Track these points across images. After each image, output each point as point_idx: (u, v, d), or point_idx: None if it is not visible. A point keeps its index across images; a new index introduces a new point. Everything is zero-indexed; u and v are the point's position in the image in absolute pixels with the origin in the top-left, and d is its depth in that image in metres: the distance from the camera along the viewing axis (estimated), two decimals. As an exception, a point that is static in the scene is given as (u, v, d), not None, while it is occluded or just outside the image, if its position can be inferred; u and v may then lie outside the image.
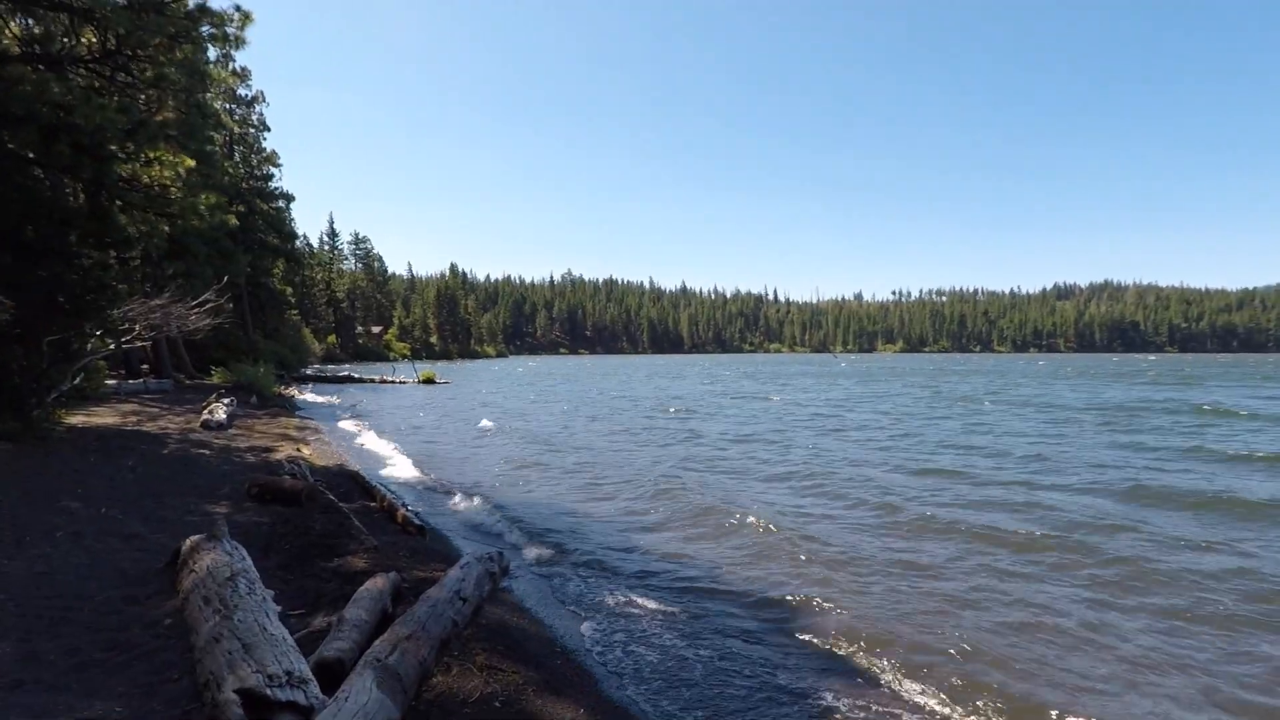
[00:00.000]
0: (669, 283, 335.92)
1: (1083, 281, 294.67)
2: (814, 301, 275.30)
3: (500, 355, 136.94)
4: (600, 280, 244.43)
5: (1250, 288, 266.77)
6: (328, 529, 6.67)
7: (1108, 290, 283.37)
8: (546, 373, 58.39)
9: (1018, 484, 10.18)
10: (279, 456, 10.73)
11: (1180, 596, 5.72)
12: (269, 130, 40.66)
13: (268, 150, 40.70)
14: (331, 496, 8.03)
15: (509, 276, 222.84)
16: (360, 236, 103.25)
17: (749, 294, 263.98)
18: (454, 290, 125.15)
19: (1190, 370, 58.64)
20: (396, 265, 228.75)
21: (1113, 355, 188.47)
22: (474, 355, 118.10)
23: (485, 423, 19.18)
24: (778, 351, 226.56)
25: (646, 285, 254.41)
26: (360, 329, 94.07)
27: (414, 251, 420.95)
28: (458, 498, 9.60)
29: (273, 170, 41.02)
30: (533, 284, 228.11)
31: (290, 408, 21.18)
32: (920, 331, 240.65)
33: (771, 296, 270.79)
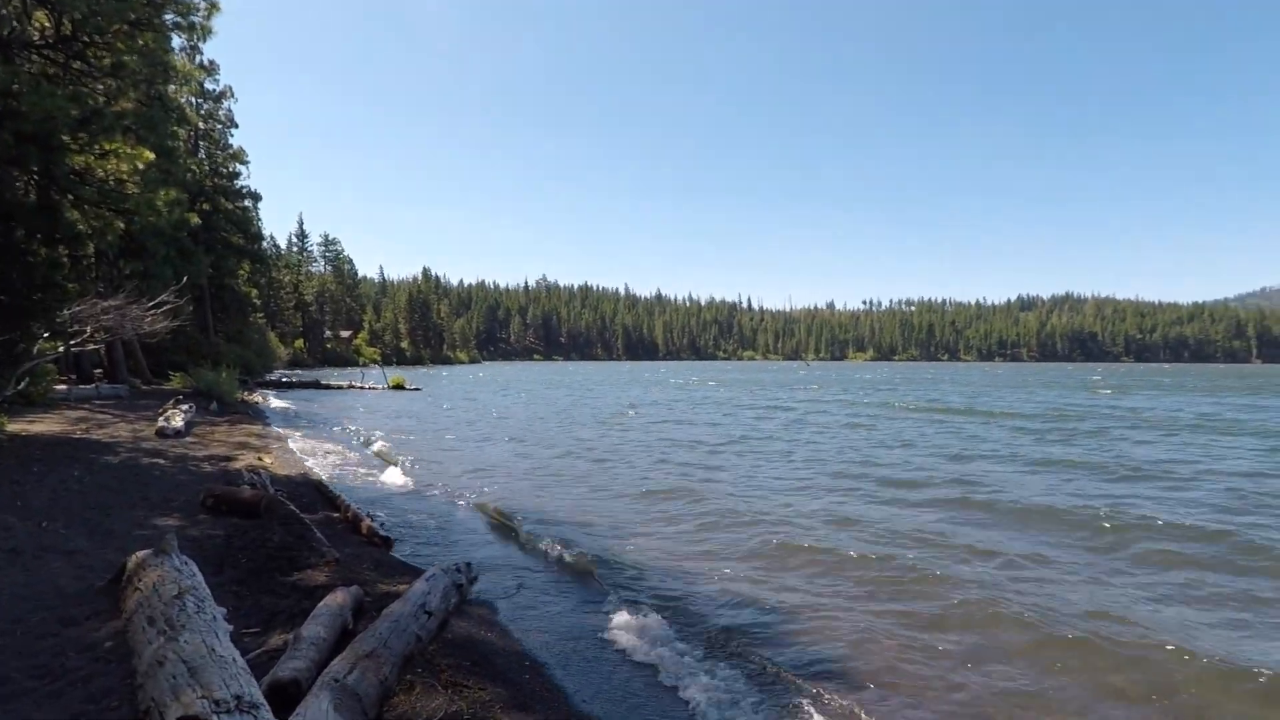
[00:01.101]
0: (644, 290, 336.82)
1: (1045, 293, 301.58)
2: (787, 310, 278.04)
3: (473, 361, 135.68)
4: (575, 286, 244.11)
5: (1200, 302, 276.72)
6: (287, 541, 6.37)
7: (1068, 302, 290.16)
8: (519, 380, 57.94)
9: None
10: (238, 466, 10.34)
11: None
12: (236, 126, 39.63)
13: (234, 147, 39.67)
14: (293, 507, 7.71)
15: (483, 281, 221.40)
16: (330, 238, 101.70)
17: (723, 302, 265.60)
18: (426, 294, 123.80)
19: (1123, 380, 60.27)
20: (367, 268, 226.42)
21: (1069, 364, 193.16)
22: (446, 361, 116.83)
23: (452, 434, 18.86)
24: (751, 359, 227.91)
25: (622, 292, 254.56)
26: (329, 333, 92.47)
27: (386, 254, 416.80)
28: (428, 505, 9.33)
29: (239, 168, 39.97)
30: (507, 289, 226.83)
31: (253, 414, 20.58)
32: (890, 340, 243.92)
33: (745, 304, 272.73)
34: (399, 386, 38.88)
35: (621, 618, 5.39)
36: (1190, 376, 71.30)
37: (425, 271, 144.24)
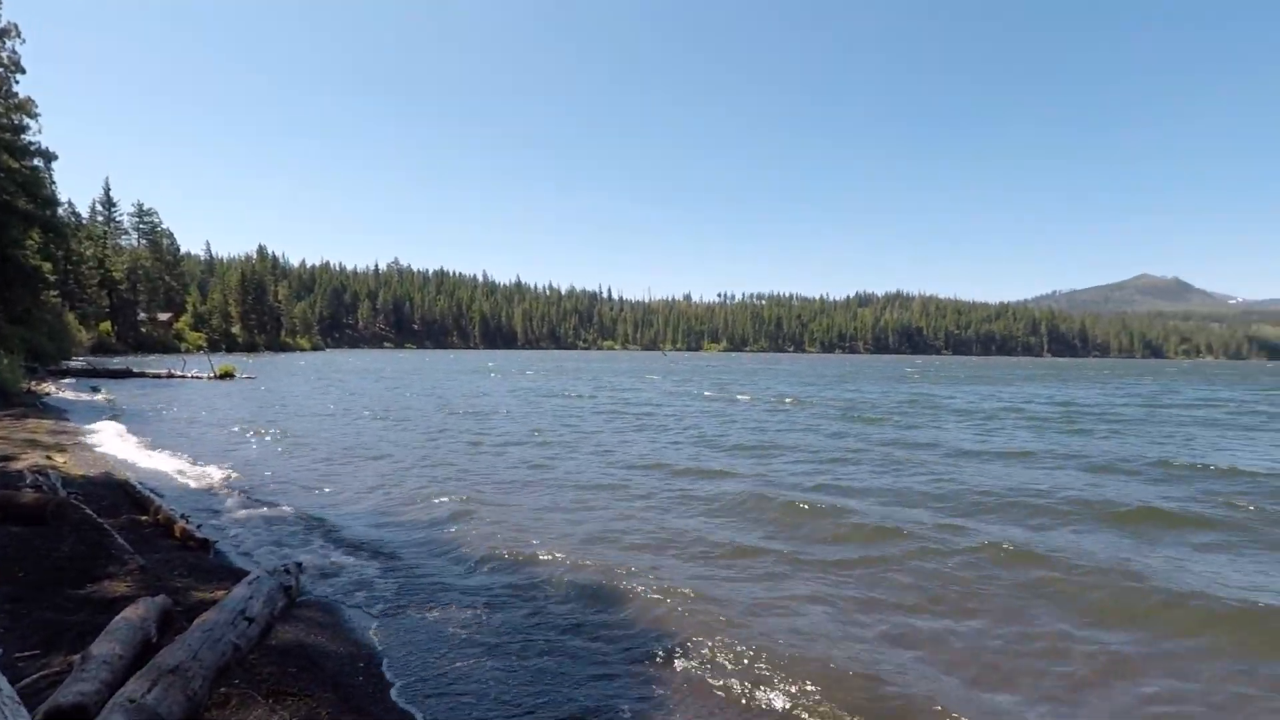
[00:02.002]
0: (503, 277, 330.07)
1: (879, 291, 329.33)
2: (646, 301, 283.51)
3: (316, 348, 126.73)
4: (430, 271, 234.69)
5: (1005, 301, 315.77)
6: (80, 550, 5.66)
7: (899, 299, 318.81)
8: (363, 368, 54.88)
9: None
10: (20, 466, 9.04)
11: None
12: (23, 72, 33.93)
13: (21, 96, 34.09)
14: (89, 511, 6.86)
15: (327, 263, 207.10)
16: (145, 208, 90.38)
17: (584, 291, 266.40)
18: (262, 275, 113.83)
19: (921, 371, 67.26)
20: (192, 244, 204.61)
21: (897, 356, 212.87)
22: (285, 348, 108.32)
23: (286, 424, 17.59)
24: (610, 348, 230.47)
25: (480, 279, 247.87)
26: (144, 316, 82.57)
27: (214, 230, 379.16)
28: (251, 504, 8.65)
29: (27, 121, 34.39)
30: (355, 272, 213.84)
31: (44, 408, 18.06)
32: (742, 332, 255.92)
33: (606, 294, 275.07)
34: (228, 375, 35.58)
35: (453, 613, 5.31)
36: (983, 368, 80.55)
37: (261, 250, 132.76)
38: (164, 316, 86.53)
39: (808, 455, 12.82)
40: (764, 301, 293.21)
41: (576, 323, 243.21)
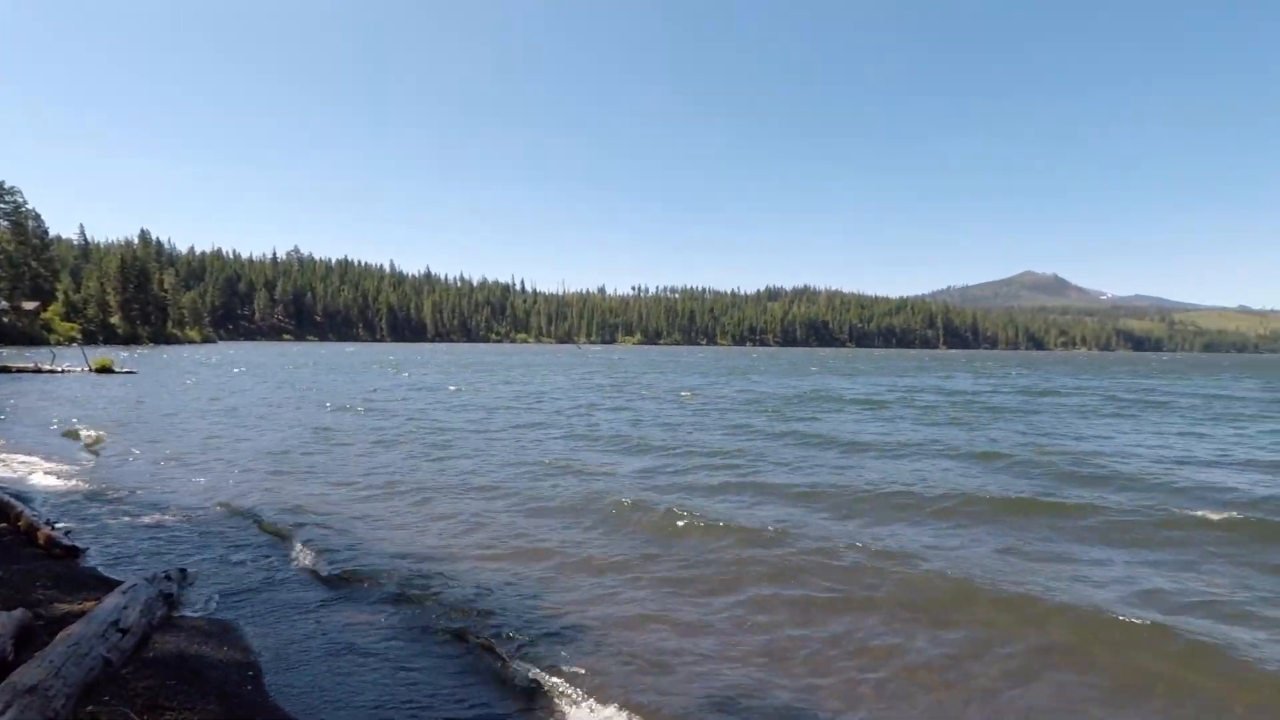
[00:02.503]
0: (412, 267, 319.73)
1: (788, 285, 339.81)
2: (560, 293, 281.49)
3: (207, 340, 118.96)
4: (334, 260, 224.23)
5: (905, 296, 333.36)
6: (-79, 563, 5.12)
7: (806, 294, 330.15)
8: (253, 362, 52.02)
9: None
10: None
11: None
12: None
13: None
14: (-66, 518, 6.21)
15: (220, 250, 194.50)
16: (6, 186, 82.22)
17: (496, 283, 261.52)
18: (145, 262, 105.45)
19: (830, 365, 70.37)
20: (63, 227, 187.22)
21: (804, 349, 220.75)
22: (172, 340, 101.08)
23: (171, 421, 16.48)
24: (524, 341, 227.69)
25: (387, 269, 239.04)
26: (6, 305, 75.09)
27: (90, 213, 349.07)
28: (128, 509, 8.04)
29: None
30: (251, 260, 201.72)
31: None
32: (656, 325, 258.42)
33: (519, 287, 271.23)
34: (105, 369, 32.90)
35: (353, 614, 5.14)
36: (877, 361, 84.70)
37: (144, 235, 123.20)
38: (30, 305, 78.87)
39: (686, 450, 12.63)
40: (677, 295, 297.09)
41: (489, 315, 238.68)
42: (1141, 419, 19.23)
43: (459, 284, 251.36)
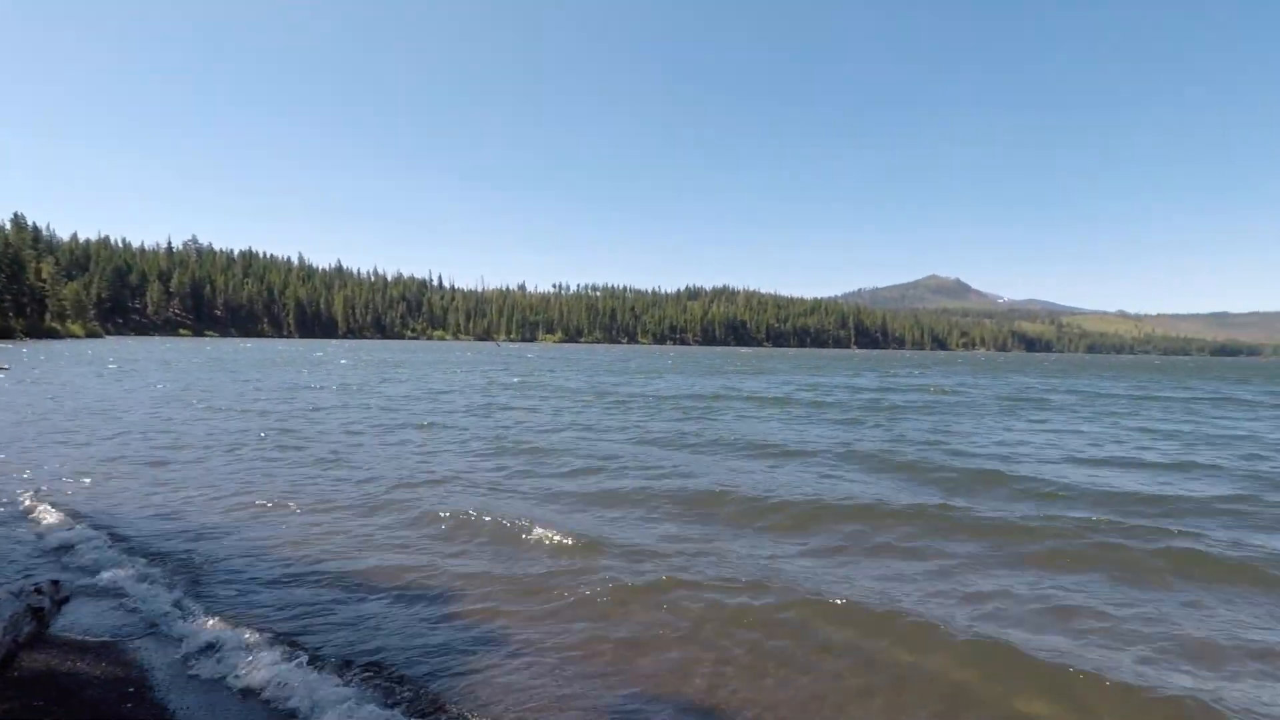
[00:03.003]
0: (322, 260, 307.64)
1: (708, 285, 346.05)
2: (479, 290, 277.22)
3: (93, 335, 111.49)
4: (236, 252, 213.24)
5: (819, 298, 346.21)
6: None
7: (725, 294, 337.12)
8: (132, 359, 49.50)
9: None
10: None
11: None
12: None
13: None
14: None
15: (107, 238, 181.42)
16: None
17: (412, 278, 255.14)
18: (19, 249, 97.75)
19: (746, 366, 72.89)
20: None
21: (725, 347, 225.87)
22: (52, 334, 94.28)
23: (54, 422, 15.99)
24: (441, 339, 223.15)
25: (295, 261, 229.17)
26: None
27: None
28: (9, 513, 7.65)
29: None
30: (143, 249, 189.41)
31: None
32: (578, 323, 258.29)
33: (436, 282, 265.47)
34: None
35: (226, 632, 4.84)
36: (789, 361, 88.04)
37: (17, 218, 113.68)
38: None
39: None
40: (599, 293, 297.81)
41: (404, 311, 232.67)
42: (1023, 415, 20.84)
43: (373, 278, 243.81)
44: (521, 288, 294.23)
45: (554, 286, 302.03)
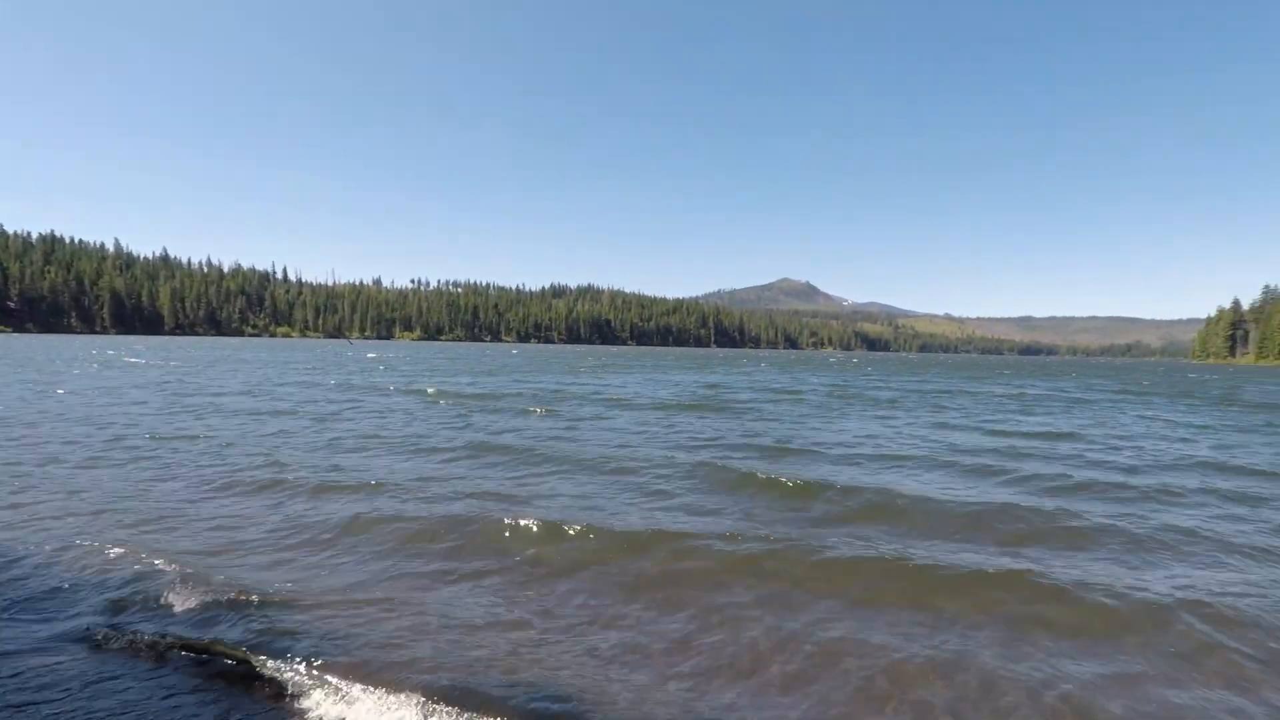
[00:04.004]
0: (145, 248, 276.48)
1: (573, 283, 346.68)
2: (330, 284, 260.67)
3: None
4: (35, 235, 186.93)
5: (680, 298, 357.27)
6: None
7: (590, 292, 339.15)
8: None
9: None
10: None
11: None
12: None
13: None
14: None
15: None
16: None
17: (253, 270, 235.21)
18: None
19: (604, 362, 74.14)
20: None
21: (590, 346, 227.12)
22: None
23: None
24: (286, 336, 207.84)
25: (110, 248, 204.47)
26: None
27: None
28: None
29: None
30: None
31: None
32: (438, 320, 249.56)
33: (281, 275, 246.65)
34: None
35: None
36: (650, 359, 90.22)
37: None
38: None
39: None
40: (460, 290, 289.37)
41: (244, 306, 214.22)
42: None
43: (205, 269, 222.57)
44: (377, 282, 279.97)
45: (412, 282, 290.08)
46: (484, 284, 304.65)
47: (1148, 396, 31.85)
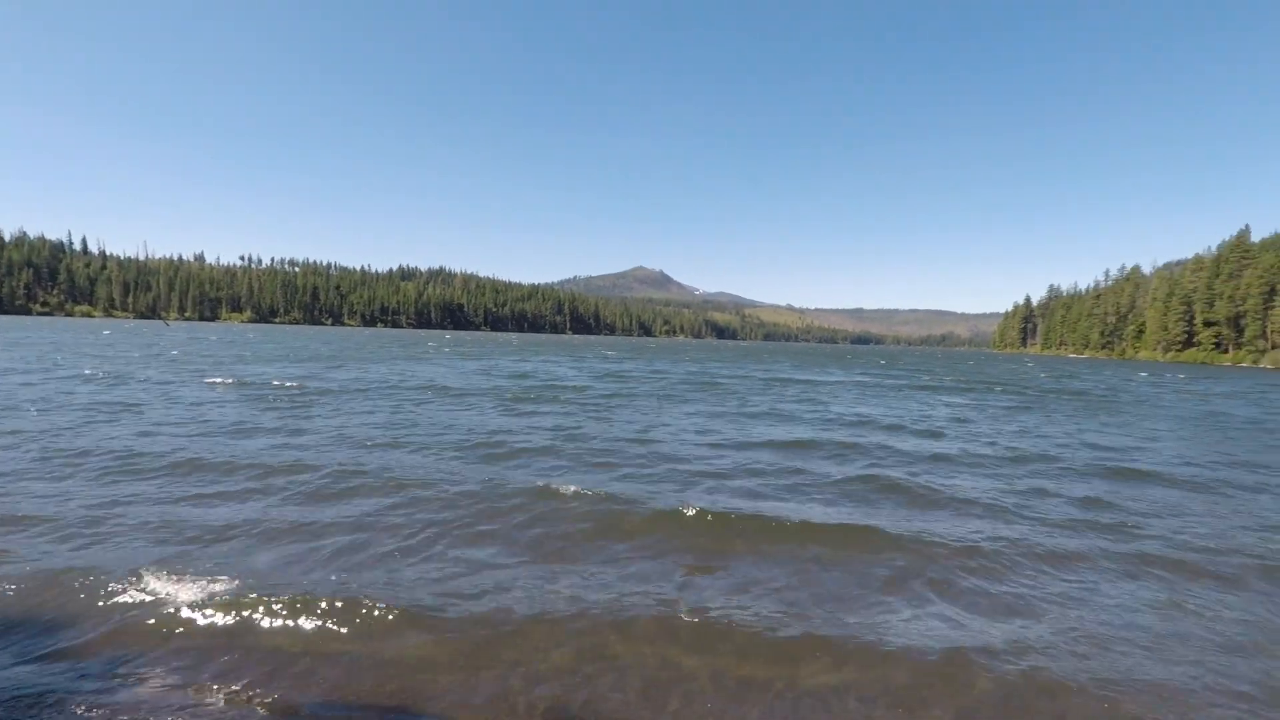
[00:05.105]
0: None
1: (423, 265, 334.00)
2: (142, 258, 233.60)
3: None
4: None
5: (536, 283, 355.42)
6: None
7: (442, 275, 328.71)
8: None
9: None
10: None
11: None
12: None
13: None
14: None
15: None
16: None
17: (42, 239, 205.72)
18: None
19: (458, 349, 73.58)
20: None
21: (442, 330, 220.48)
22: None
23: None
24: (88, 315, 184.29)
25: None
26: None
27: None
28: None
29: None
30: None
31: None
32: (271, 301, 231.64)
33: (80, 246, 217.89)
34: None
35: None
36: (496, 346, 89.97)
37: None
38: None
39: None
40: (298, 269, 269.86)
41: (30, 280, 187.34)
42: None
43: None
44: (199, 258, 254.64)
45: (242, 259, 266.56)
46: (325, 263, 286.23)
47: (966, 391, 36.92)
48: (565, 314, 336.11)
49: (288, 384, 20.54)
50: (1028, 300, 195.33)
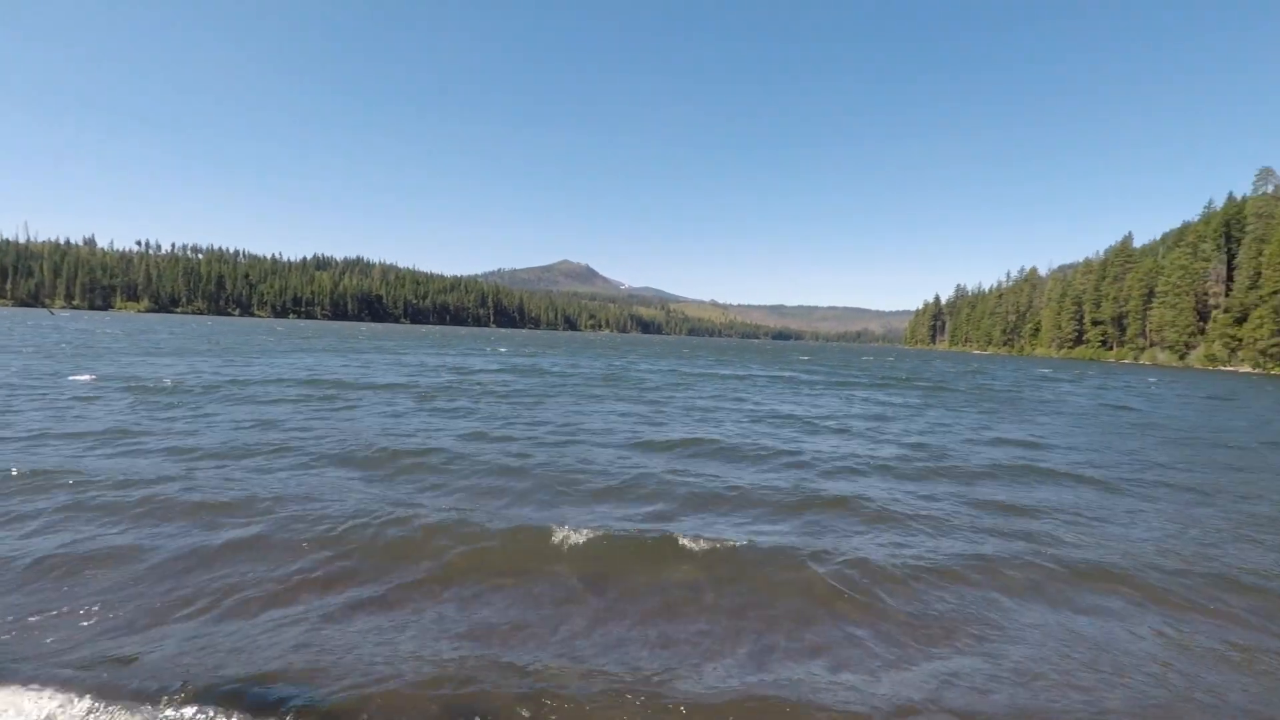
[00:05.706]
0: None
1: (339, 255, 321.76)
2: (22, 240, 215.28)
3: None
4: None
5: (459, 275, 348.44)
6: None
7: (359, 265, 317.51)
8: None
9: None
10: None
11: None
12: None
13: None
14: None
15: None
16: None
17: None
18: None
19: (379, 342, 71.69)
20: None
21: (359, 322, 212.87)
22: None
23: None
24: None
25: None
26: None
27: None
28: None
29: None
30: None
31: None
32: (172, 290, 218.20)
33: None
34: None
35: None
36: (414, 340, 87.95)
37: None
38: None
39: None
40: (201, 256, 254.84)
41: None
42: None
43: None
44: (89, 242, 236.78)
45: (139, 244, 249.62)
46: (232, 250, 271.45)
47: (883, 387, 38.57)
48: (489, 307, 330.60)
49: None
50: (937, 299, 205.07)
